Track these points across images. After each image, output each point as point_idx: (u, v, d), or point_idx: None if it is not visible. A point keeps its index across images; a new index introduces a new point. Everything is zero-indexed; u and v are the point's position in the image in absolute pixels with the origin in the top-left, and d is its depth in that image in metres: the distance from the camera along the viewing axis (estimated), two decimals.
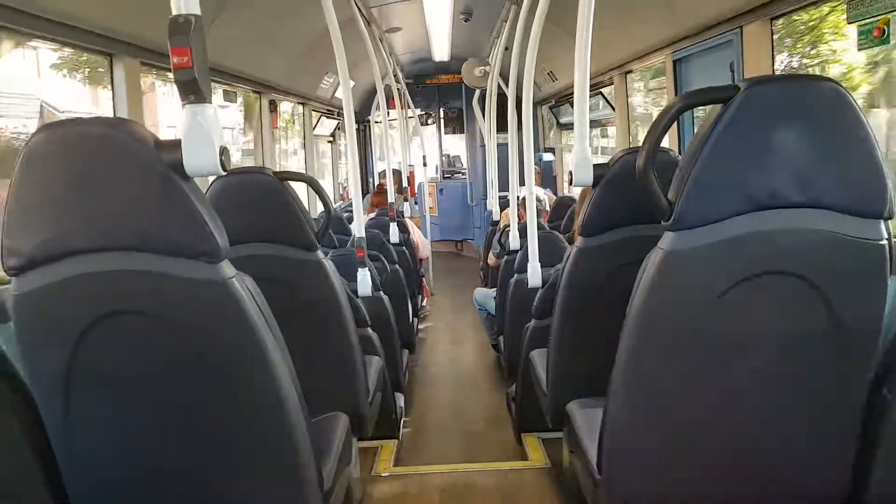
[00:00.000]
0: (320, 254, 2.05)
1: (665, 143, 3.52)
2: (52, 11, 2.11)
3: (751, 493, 1.40)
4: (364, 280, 2.77)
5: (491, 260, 5.13)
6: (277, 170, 3.99)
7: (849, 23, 1.99)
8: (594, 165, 1.94)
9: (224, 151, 1.15)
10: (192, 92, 1.11)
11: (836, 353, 1.27)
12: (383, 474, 2.84)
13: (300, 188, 2.31)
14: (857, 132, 1.17)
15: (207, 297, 1.21)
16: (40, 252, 1.19)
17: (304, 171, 5.71)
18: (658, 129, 1.21)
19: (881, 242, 1.21)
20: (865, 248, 1.21)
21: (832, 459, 1.36)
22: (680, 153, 2.69)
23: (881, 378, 1.35)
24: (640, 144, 1.23)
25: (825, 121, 1.17)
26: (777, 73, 2.60)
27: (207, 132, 1.12)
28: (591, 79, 4.99)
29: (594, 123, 6.02)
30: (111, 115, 2.60)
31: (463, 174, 9.41)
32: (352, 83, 3.71)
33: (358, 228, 2.81)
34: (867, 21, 1.93)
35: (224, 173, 1.17)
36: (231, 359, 1.25)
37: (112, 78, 2.61)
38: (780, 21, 2.54)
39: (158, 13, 1.12)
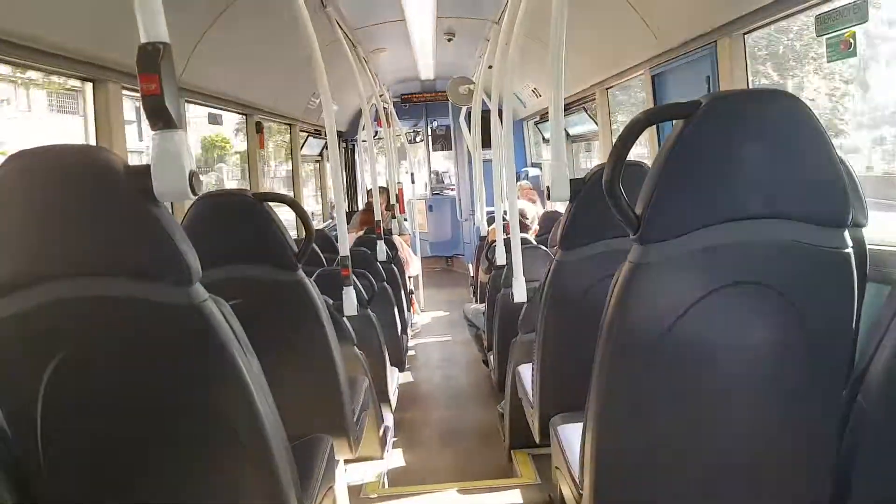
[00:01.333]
0: (301, 273, 2.05)
1: (645, 157, 3.58)
2: (33, 39, 2.13)
3: (732, 502, 1.40)
4: (349, 299, 2.77)
5: (481, 276, 5.14)
6: (263, 191, 4.00)
7: (817, 36, 2.04)
8: (571, 180, 1.96)
9: (194, 176, 1.15)
10: (161, 118, 1.12)
11: (808, 362, 1.27)
12: (371, 496, 2.81)
13: (288, 209, 2.32)
14: (817, 143, 1.19)
15: (180, 320, 1.21)
16: (11, 278, 1.19)
17: (291, 192, 5.72)
18: (623, 144, 1.23)
19: (845, 251, 1.23)
20: (830, 256, 1.23)
21: (812, 467, 1.36)
22: None
23: (855, 385, 1.36)
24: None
25: (785, 133, 1.19)
26: (753, 86, 2.64)
27: (177, 157, 1.13)
28: (573, 95, 5.06)
29: (580, 139, 6.08)
30: (94, 140, 2.61)
31: (452, 190, 9.46)
32: (335, 107, 3.74)
33: (342, 247, 2.82)
34: (834, 34, 1.98)
35: (193, 197, 1.18)
36: (205, 383, 1.25)
37: (95, 103, 2.62)
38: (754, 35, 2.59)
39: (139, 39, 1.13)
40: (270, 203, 2.04)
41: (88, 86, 2.60)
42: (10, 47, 2.05)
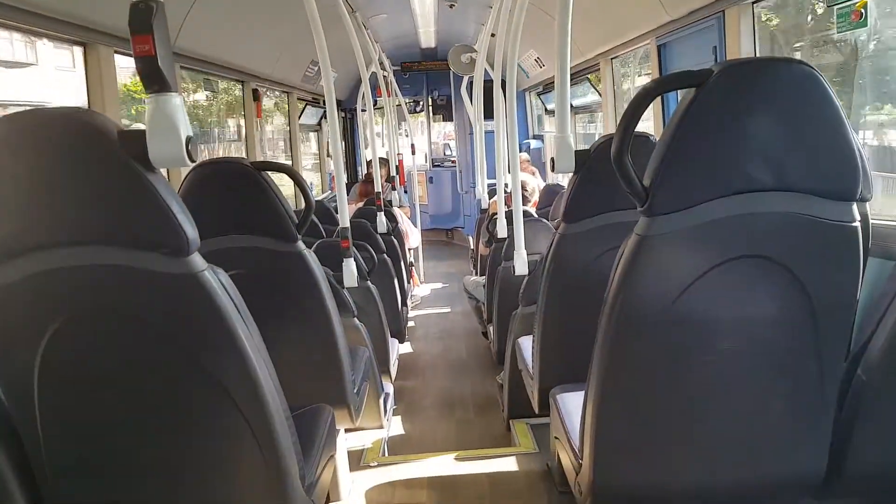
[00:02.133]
0: (301, 245, 2.03)
1: (650, 128, 3.54)
2: (25, 1, 2.08)
3: (731, 473, 1.41)
4: (349, 270, 2.75)
5: (481, 248, 5.13)
6: (259, 160, 3.97)
7: (828, 5, 1.99)
8: (576, 152, 1.93)
9: (190, 142, 1.12)
10: (156, 81, 1.08)
11: (811, 335, 1.27)
12: (372, 464, 2.84)
13: (287, 179, 2.29)
14: (829, 115, 1.17)
15: (177, 290, 1.19)
16: (5, 247, 1.16)
17: (289, 162, 5.68)
18: (631, 115, 1.20)
19: (853, 224, 1.21)
20: (838, 230, 1.21)
21: (810, 438, 1.37)
22: None
23: (856, 359, 1.36)
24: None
25: (797, 103, 1.17)
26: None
27: (173, 122, 1.10)
28: (577, 65, 4.98)
29: (582, 109, 6.01)
30: (86, 104, 2.57)
31: (453, 162, 9.39)
32: (334, 74, 3.67)
33: (342, 219, 2.79)
34: (845, 4, 1.93)
35: (190, 164, 1.15)
36: (203, 353, 1.24)
37: (86, 67, 2.58)
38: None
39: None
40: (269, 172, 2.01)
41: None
42: (2, 10, 2.00)
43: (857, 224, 1.22)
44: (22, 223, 1.16)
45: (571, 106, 5.83)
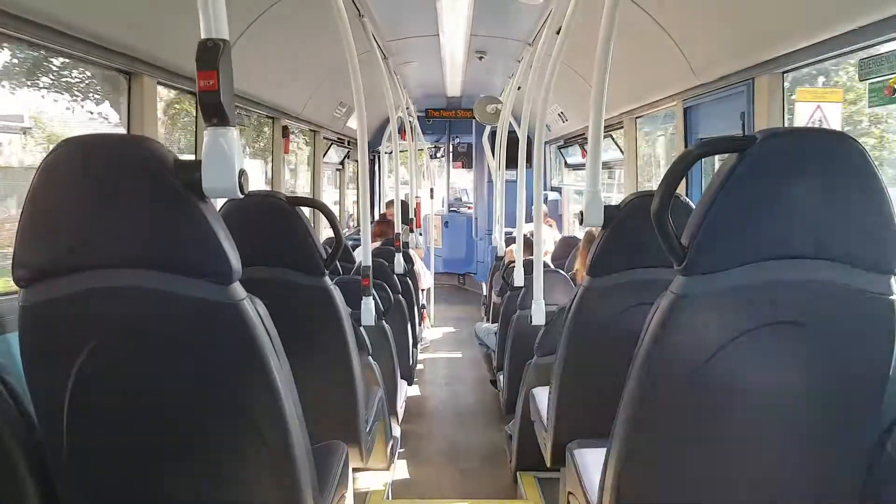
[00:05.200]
0: (327, 280, 2.05)
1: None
2: (75, 28, 2.16)
3: None
4: (368, 309, 2.76)
5: (494, 296, 5.12)
6: (289, 194, 4.02)
7: (860, 80, 2.03)
8: (605, 207, 1.95)
9: (243, 174, 1.16)
10: (216, 115, 1.12)
11: (842, 407, 1.26)
12: None
13: (309, 214, 2.33)
14: (872, 187, 1.18)
15: (217, 317, 1.21)
16: (51, 264, 1.19)
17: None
18: (674, 175, 1.22)
19: (890, 297, 1.21)
20: (875, 302, 1.21)
21: None
22: (688, 197, 2.72)
23: (885, 435, 1.33)
24: (655, 188, 1.24)
25: (840, 174, 1.18)
26: (787, 123, 2.64)
27: (228, 155, 1.13)
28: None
29: (604, 165, 6.07)
30: (128, 132, 2.64)
31: (469, 208, 9.47)
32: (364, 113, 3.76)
33: (365, 257, 2.82)
34: (878, 80, 1.97)
35: (242, 196, 1.18)
36: (237, 381, 1.24)
37: (129, 96, 2.65)
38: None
39: (176, 34, 1.14)
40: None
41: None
42: (53, 34, 2.07)
43: (895, 298, 1.22)
44: (74, 242, 1.19)
45: None
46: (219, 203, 2.09)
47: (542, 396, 2.48)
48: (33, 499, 1.25)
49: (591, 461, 1.75)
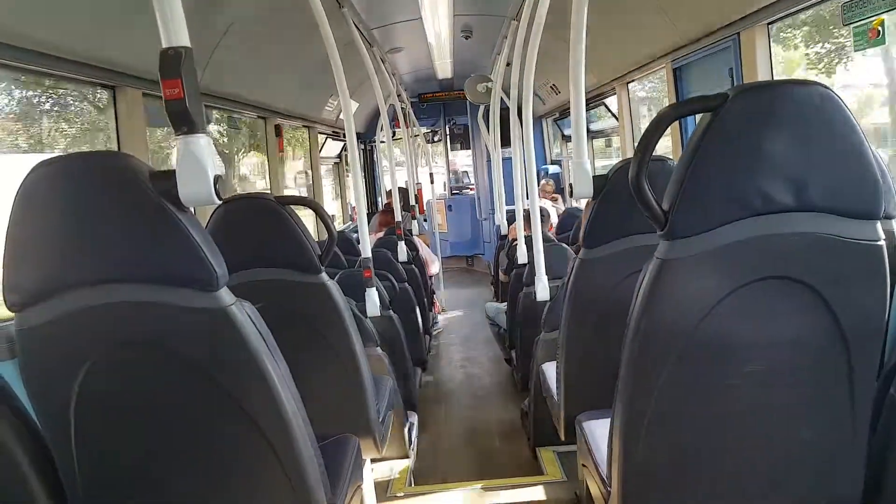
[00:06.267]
0: (324, 276, 2.06)
1: (668, 151, 3.54)
2: (55, 47, 2.16)
3: (763, 499, 1.37)
4: (371, 300, 2.77)
5: (501, 275, 5.13)
6: (281, 194, 4.04)
7: (844, 25, 1.99)
8: (594, 177, 1.94)
9: (219, 180, 1.16)
10: (185, 123, 1.12)
11: (839, 355, 1.25)
12: (398, 494, 2.82)
13: (309, 213, 2.33)
14: (848, 134, 1.16)
15: (207, 324, 1.22)
16: (41, 287, 1.21)
17: (310, 194, 5.76)
18: (648, 139, 1.21)
19: (878, 243, 1.20)
20: (861, 249, 1.20)
21: (843, 464, 1.33)
22: None
23: (888, 378, 1.33)
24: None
25: (815, 124, 1.17)
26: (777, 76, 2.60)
27: (201, 162, 1.14)
28: (593, 90, 5.01)
29: (599, 135, 6.03)
30: (115, 146, 2.65)
31: (471, 189, 9.45)
32: (355, 105, 3.75)
33: (364, 249, 2.82)
34: (862, 22, 1.93)
35: (219, 202, 1.18)
36: (233, 386, 1.26)
37: (116, 110, 2.66)
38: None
39: (157, 43, 1.14)
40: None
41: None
42: (33, 56, 2.08)
43: (882, 243, 1.20)
44: (58, 264, 1.20)
45: (588, 131, 5.86)
46: (209, 210, 2.11)
47: (552, 371, 2.49)
48: None
49: (600, 431, 1.76)
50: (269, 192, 4.52)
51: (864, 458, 1.32)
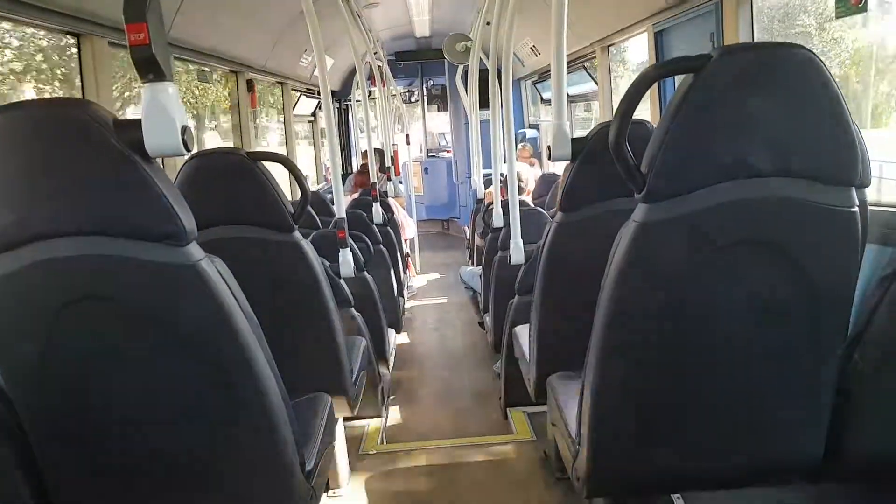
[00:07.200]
0: (297, 235, 2.03)
1: (646, 115, 3.53)
2: None
3: (728, 457, 1.42)
4: (346, 261, 2.75)
5: (477, 239, 5.12)
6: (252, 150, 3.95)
7: None
8: (572, 140, 1.92)
9: (186, 131, 1.12)
10: (151, 70, 1.07)
11: (809, 320, 1.28)
12: (370, 452, 2.86)
13: (281, 171, 2.28)
14: (829, 100, 1.16)
15: (175, 280, 1.19)
16: (2, 238, 1.16)
17: (284, 152, 5.65)
18: (630, 100, 1.20)
19: (852, 210, 1.21)
20: (837, 215, 1.21)
21: (808, 423, 1.38)
22: None
23: (853, 343, 1.37)
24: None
25: (796, 89, 1.16)
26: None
27: (168, 111, 1.09)
28: (573, 53, 4.96)
29: (579, 98, 5.99)
30: (82, 96, 2.55)
31: (448, 152, 9.36)
32: (330, 61, 3.65)
33: (338, 209, 2.79)
34: None
35: (186, 153, 1.14)
36: (202, 342, 1.24)
37: (80, 59, 2.55)
38: None
39: None
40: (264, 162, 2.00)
41: None
42: None
43: (856, 210, 1.22)
44: (20, 214, 1.15)
45: (568, 94, 5.81)
46: (178, 165, 2.04)
47: (524, 334, 2.51)
48: (12, 464, 1.25)
49: (570, 392, 1.79)
50: (241, 147, 4.41)
51: (826, 421, 1.36)
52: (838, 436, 1.37)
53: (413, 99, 9.42)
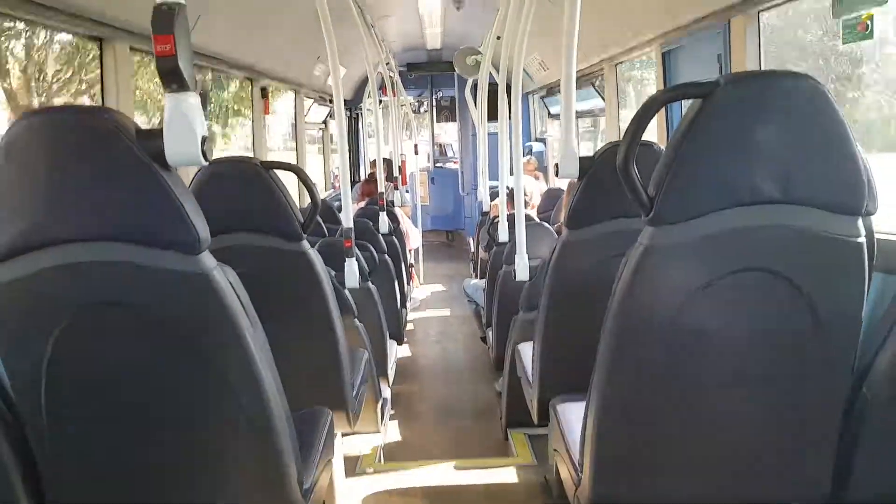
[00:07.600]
0: (306, 244, 2.04)
1: (654, 136, 3.55)
2: None
3: (733, 490, 1.39)
4: (351, 270, 2.75)
5: (481, 252, 5.12)
6: (265, 158, 3.97)
7: (834, 17, 2.00)
8: (581, 158, 1.93)
9: (206, 141, 1.13)
10: (175, 80, 1.09)
11: (815, 351, 1.26)
12: (368, 471, 2.80)
13: (290, 178, 2.29)
14: (835, 129, 1.17)
15: (187, 288, 1.20)
16: (18, 242, 1.17)
17: (294, 159, 5.68)
18: (638, 123, 1.21)
19: (859, 240, 1.21)
20: (843, 244, 1.21)
21: (813, 459, 1.35)
22: None
23: (861, 376, 1.34)
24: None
25: (803, 118, 1.17)
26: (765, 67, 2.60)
27: (189, 121, 1.11)
28: (581, 69, 4.97)
29: (586, 114, 6.01)
30: (101, 100, 2.58)
31: (455, 163, 9.38)
32: (343, 70, 3.68)
33: (346, 218, 2.79)
34: (852, 16, 1.93)
35: (205, 163, 1.16)
36: (210, 352, 1.24)
37: (101, 63, 2.58)
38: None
39: None
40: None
41: None
42: (17, 2, 2.00)
43: (863, 239, 1.22)
44: (38, 218, 1.16)
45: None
46: (191, 172, 2.06)
47: (528, 352, 2.49)
48: (14, 475, 1.26)
49: (574, 416, 1.77)
50: (253, 156, 4.44)
51: (833, 453, 1.34)
52: (846, 471, 1.35)
53: (422, 109, 9.46)
